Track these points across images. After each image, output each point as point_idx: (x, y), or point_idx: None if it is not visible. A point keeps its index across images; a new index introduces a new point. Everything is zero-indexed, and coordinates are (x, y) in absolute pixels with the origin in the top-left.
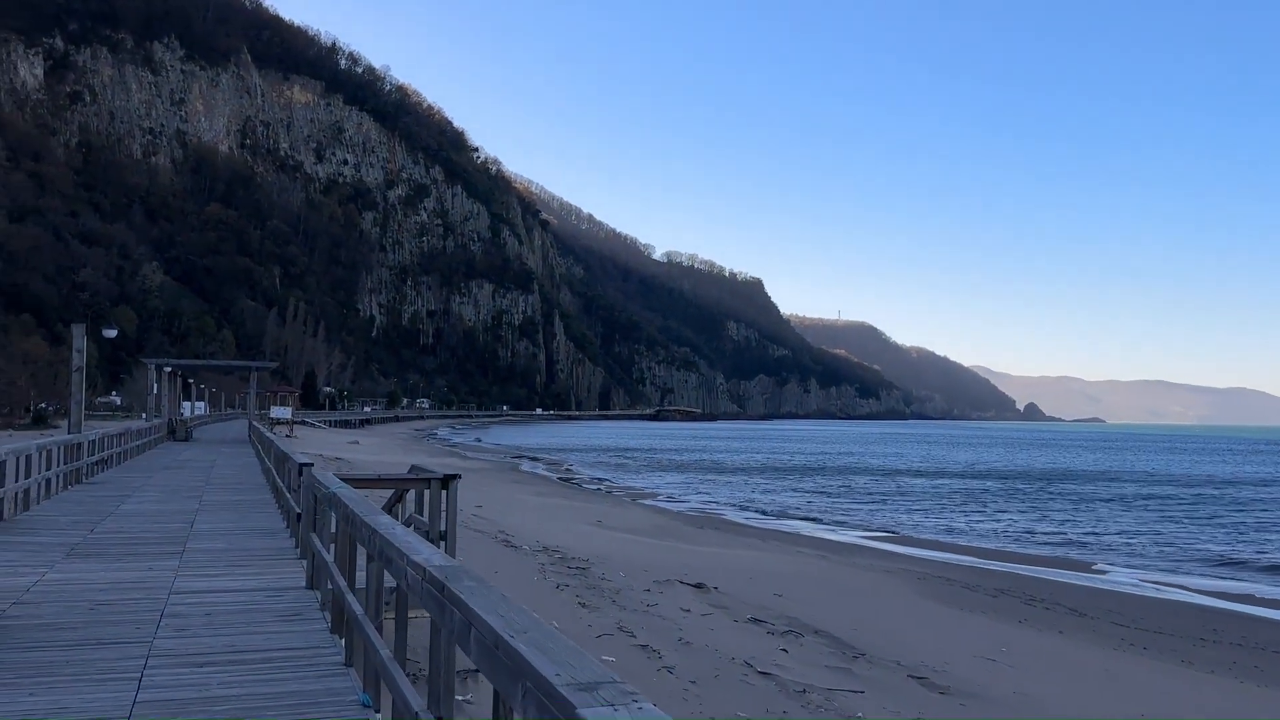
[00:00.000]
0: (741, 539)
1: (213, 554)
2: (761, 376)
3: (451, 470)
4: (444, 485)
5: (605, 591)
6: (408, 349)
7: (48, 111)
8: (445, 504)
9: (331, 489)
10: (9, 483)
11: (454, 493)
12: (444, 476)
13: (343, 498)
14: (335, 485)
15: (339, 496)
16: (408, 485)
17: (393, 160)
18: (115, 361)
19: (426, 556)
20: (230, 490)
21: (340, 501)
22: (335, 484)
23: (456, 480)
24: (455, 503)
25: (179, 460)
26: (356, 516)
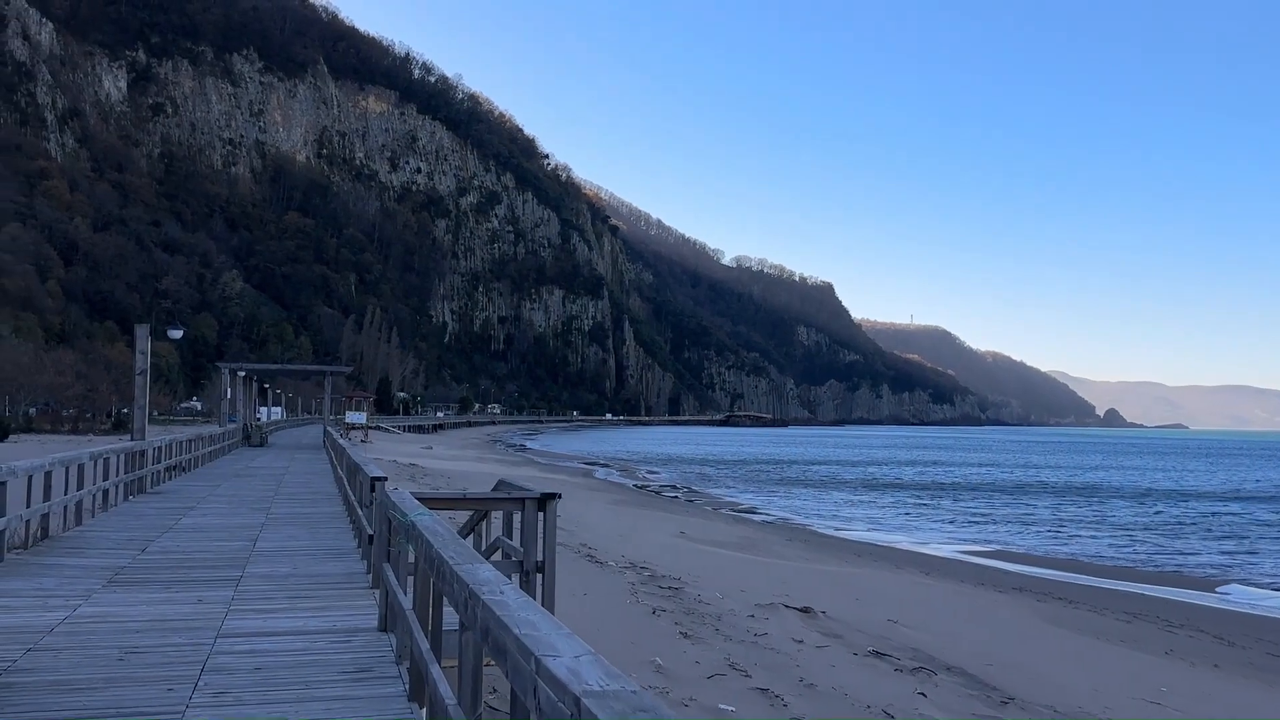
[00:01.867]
0: (834, 553)
1: (274, 580)
2: (832, 382)
3: (548, 488)
4: (541, 506)
5: (705, 617)
6: (479, 354)
7: (131, 123)
8: (543, 528)
9: (409, 515)
10: (55, 496)
11: (553, 515)
12: (540, 496)
13: (423, 529)
14: (413, 509)
15: (418, 528)
16: (498, 506)
17: (465, 168)
18: (197, 368)
19: (571, 667)
20: (300, 501)
21: (420, 536)
22: (412, 507)
23: (555, 501)
24: (554, 527)
25: (251, 467)
26: (445, 564)
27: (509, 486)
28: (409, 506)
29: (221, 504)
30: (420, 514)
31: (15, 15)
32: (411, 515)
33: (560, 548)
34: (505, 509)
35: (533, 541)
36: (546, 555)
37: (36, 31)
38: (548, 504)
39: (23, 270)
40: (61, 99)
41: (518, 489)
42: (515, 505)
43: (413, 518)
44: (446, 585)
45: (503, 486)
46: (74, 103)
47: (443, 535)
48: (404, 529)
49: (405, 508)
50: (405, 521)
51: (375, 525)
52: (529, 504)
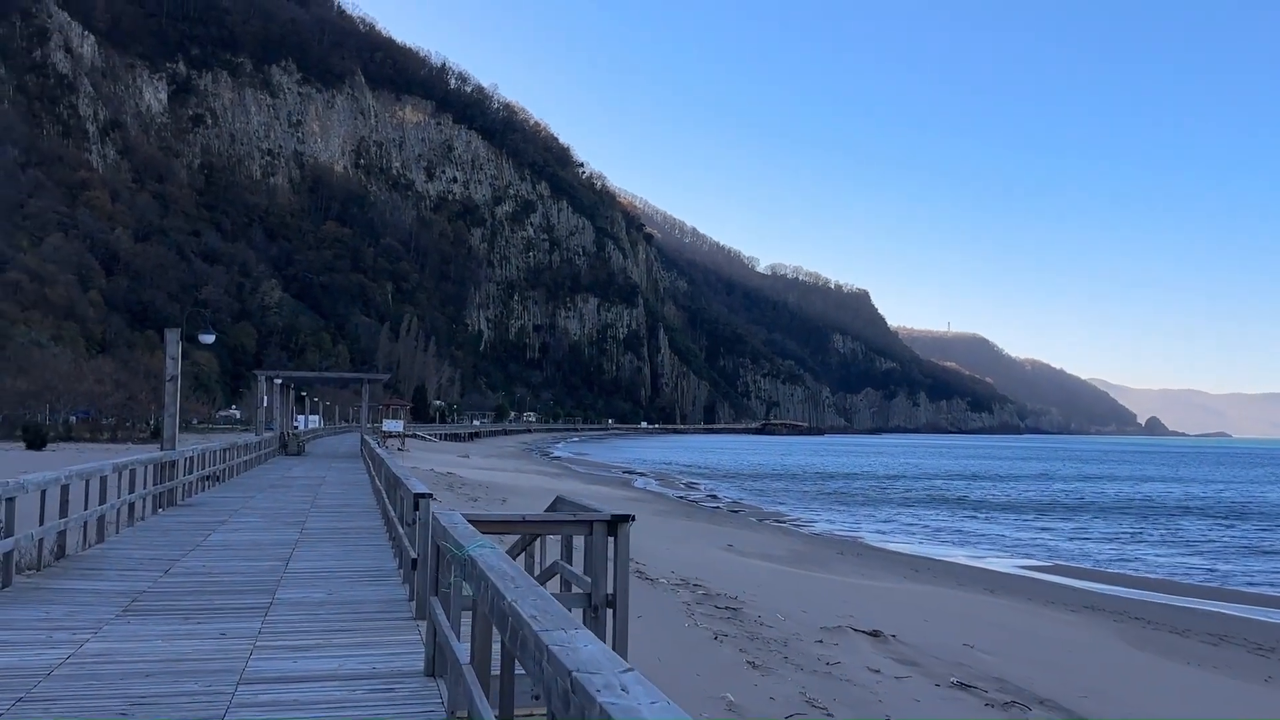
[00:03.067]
0: (890, 568)
1: (306, 609)
2: (869, 390)
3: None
4: (611, 530)
5: (771, 643)
6: (515, 363)
7: (171, 134)
8: (614, 555)
9: (466, 548)
10: (73, 511)
11: (625, 541)
12: (611, 518)
13: (487, 569)
14: (470, 539)
15: (479, 566)
16: (563, 530)
17: (500, 177)
18: (236, 376)
19: None
20: (337, 515)
21: (483, 577)
22: (468, 535)
23: (628, 524)
24: (627, 555)
25: (287, 477)
26: (524, 627)
27: (571, 505)
28: (464, 534)
29: (254, 517)
30: (480, 546)
31: (58, 28)
32: (469, 548)
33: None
34: (570, 533)
35: (602, 571)
36: (618, 588)
37: (79, 44)
38: (619, 528)
39: (65, 280)
40: (103, 111)
41: (581, 508)
42: (582, 529)
43: (471, 551)
44: (526, 655)
45: (563, 505)
46: (115, 114)
47: (515, 580)
48: (459, 564)
49: (460, 536)
50: (461, 556)
51: (419, 547)
52: (598, 527)
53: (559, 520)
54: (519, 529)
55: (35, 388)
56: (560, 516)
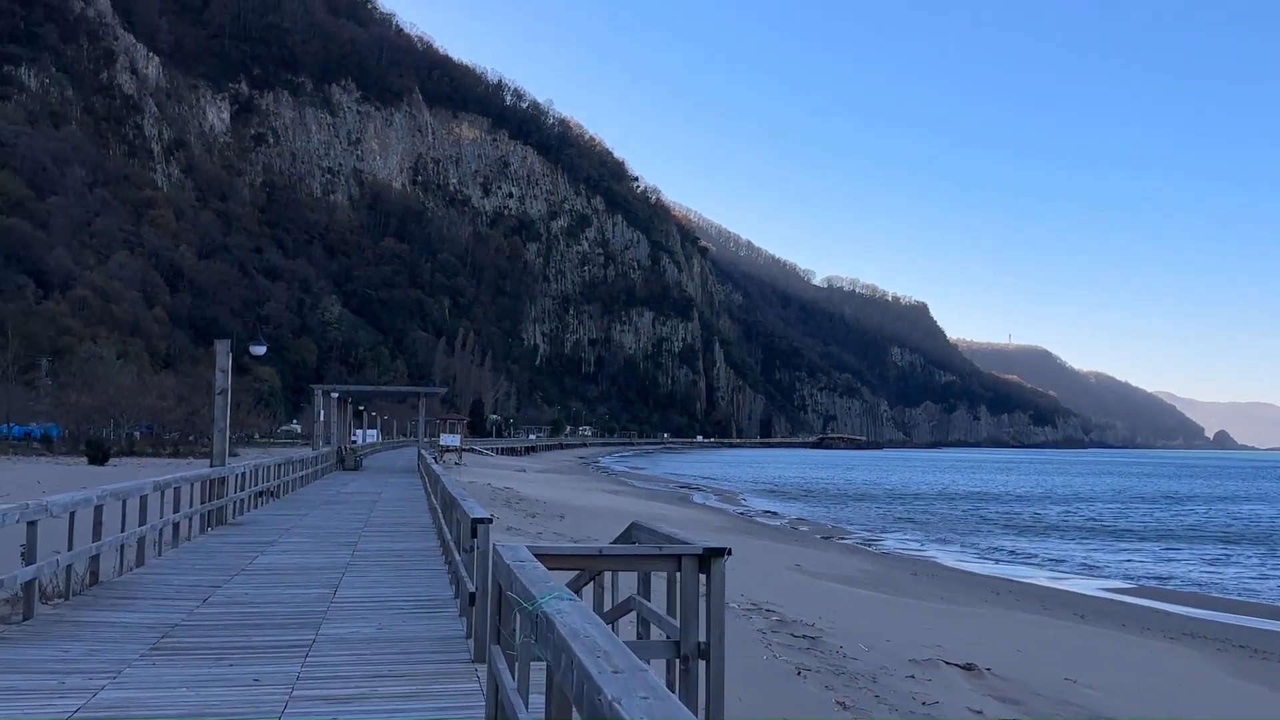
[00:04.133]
0: (969, 591)
1: (352, 649)
2: (928, 403)
3: (712, 540)
4: (703, 565)
5: (858, 678)
6: (570, 377)
7: (234, 153)
8: (708, 595)
9: (541, 602)
10: (107, 535)
11: (720, 579)
12: (704, 551)
13: (570, 637)
14: (542, 586)
15: (558, 629)
16: (646, 566)
17: (555, 192)
18: (297, 391)
19: None
20: (391, 535)
21: (567, 650)
22: (538, 579)
23: (723, 559)
24: (723, 595)
25: (342, 493)
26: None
27: (649, 533)
28: (534, 579)
29: (304, 538)
30: (558, 599)
31: (124, 50)
32: (544, 601)
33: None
34: (654, 569)
35: (693, 615)
36: (713, 636)
37: (144, 66)
38: (713, 563)
39: (131, 297)
40: (168, 131)
41: (665, 538)
42: (668, 565)
43: (546, 607)
44: None
45: (640, 532)
46: (179, 134)
47: (613, 659)
48: (531, 620)
49: (529, 582)
50: (533, 611)
51: (477, 579)
52: (687, 563)
53: (642, 555)
54: (596, 564)
55: (99, 403)
56: (643, 550)
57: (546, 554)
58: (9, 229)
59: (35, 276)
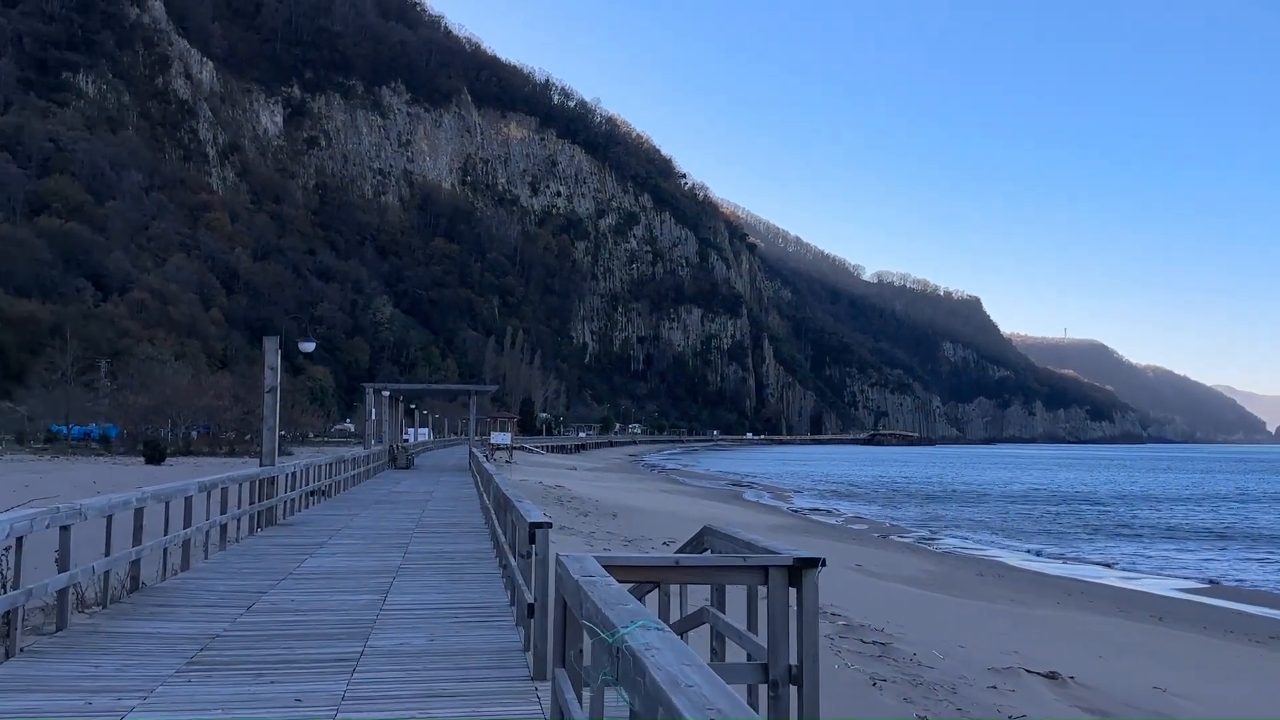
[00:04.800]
0: (1039, 592)
1: (402, 662)
2: (981, 399)
3: (797, 545)
4: (794, 579)
5: (936, 689)
6: (619, 374)
7: (287, 156)
8: (799, 611)
9: (622, 633)
10: (147, 539)
11: (813, 593)
12: (794, 562)
13: (661, 679)
14: (619, 611)
15: (646, 668)
16: (728, 577)
17: (603, 190)
18: (350, 390)
19: None
20: (443, 536)
21: (656, 691)
22: (613, 600)
23: (816, 570)
24: (815, 612)
25: (394, 492)
26: None
27: (725, 539)
28: (608, 599)
29: (355, 539)
30: (644, 629)
31: (178, 56)
32: (628, 634)
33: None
34: (738, 582)
35: (783, 635)
36: (805, 657)
37: (198, 71)
38: (805, 575)
39: (188, 299)
40: (222, 135)
41: (745, 545)
42: (754, 577)
43: (631, 640)
44: None
45: (713, 537)
46: (234, 138)
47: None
48: (611, 653)
49: (604, 604)
50: (614, 644)
51: (536, 589)
52: (776, 575)
53: (724, 566)
54: (672, 577)
55: (156, 403)
56: (724, 561)
57: (617, 565)
58: (69, 233)
59: (94, 280)
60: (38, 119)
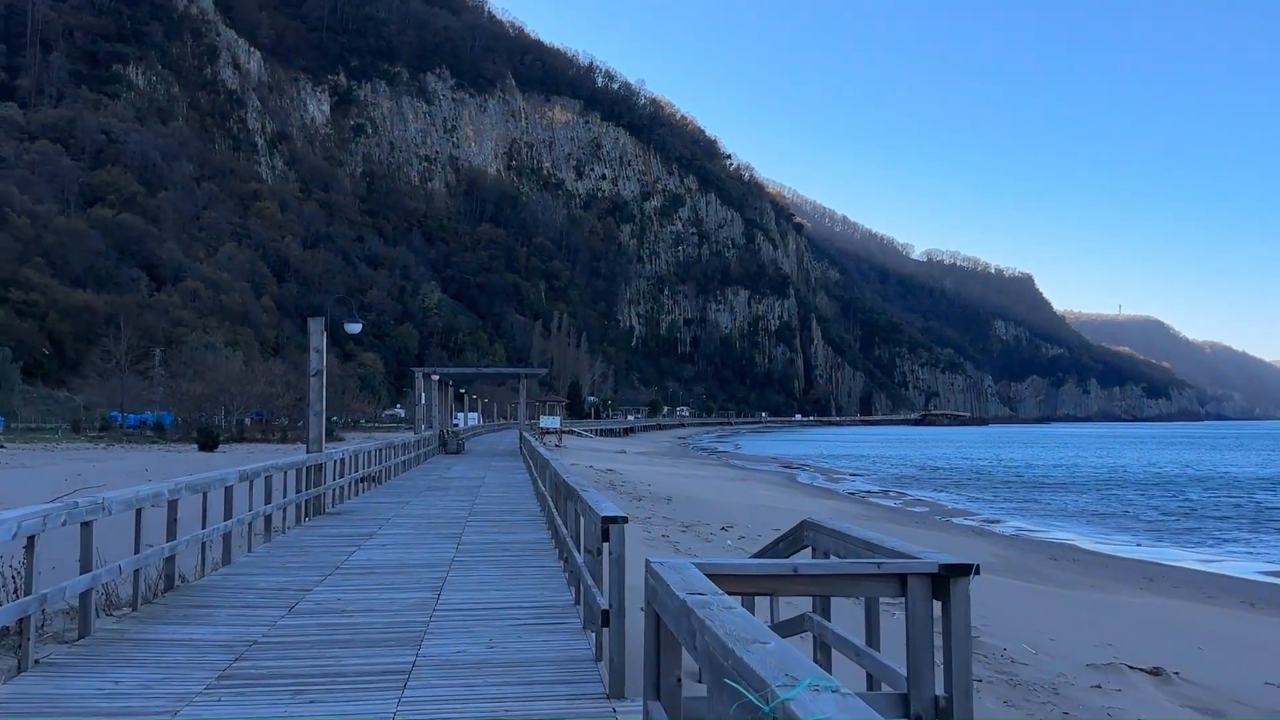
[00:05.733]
0: (1118, 577)
1: (460, 676)
2: (1034, 377)
3: (941, 549)
4: (940, 589)
5: (1036, 690)
6: (666, 357)
7: (334, 144)
8: (946, 630)
9: (782, 699)
10: (182, 533)
11: (963, 606)
12: (939, 569)
13: None
14: (773, 667)
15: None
16: (854, 588)
17: (648, 172)
18: (400, 376)
19: None
20: (496, 524)
21: None
22: (750, 636)
23: (968, 578)
24: (968, 630)
25: (444, 478)
26: None
27: (838, 538)
28: (736, 632)
29: (406, 529)
30: (811, 691)
31: (226, 46)
32: (793, 702)
33: None
34: (867, 593)
35: (927, 659)
36: (957, 690)
37: (246, 60)
38: (953, 586)
39: (240, 287)
40: (270, 124)
41: (863, 544)
42: (888, 587)
43: (801, 713)
44: None
45: (821, 535)
46: (282, 127)
47: None
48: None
49: (739, 644)
50: (769, 712)
51: (610, 593)
52: (916, 584)
53: (853, 575)
54: (788, 588)
55: (210, 391)
56: (851, 567)
57: (723, 574)
58: (122, 224)
59: (148, 269)
60: (90, 111)
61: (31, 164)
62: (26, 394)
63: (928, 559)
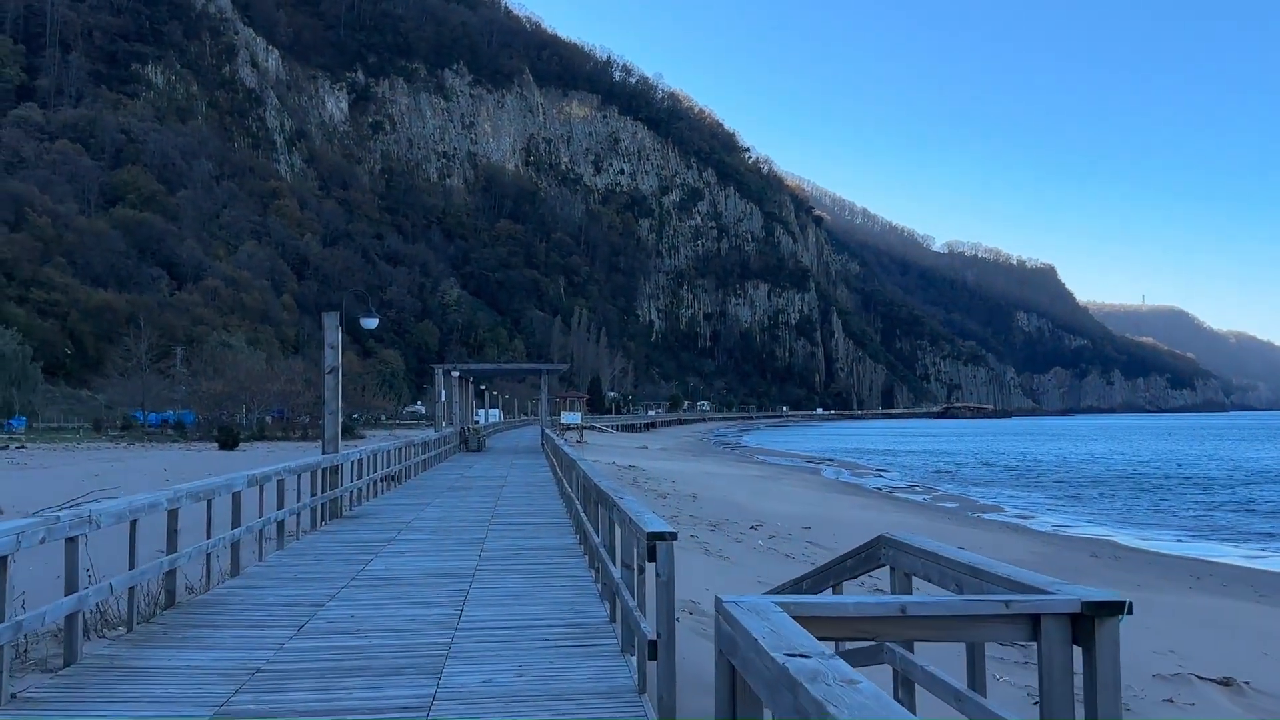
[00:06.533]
0: (1166, 576)
1: (486, 709)
2: (1057, 369)
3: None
4: (1081, 632)
5: None
6: (686, 352)
7: (353, 142)
8: (1088, 680)
9: None
10: (185, 544)
11: (1112, 652)
12: (1081, 607)
13: None
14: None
15: None
16: (972, 630)
17: (666, 167)
18: (421, 373)
19: None
20: (521, 528)
21: None
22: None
23: (1117, 620)
24: (1118, 681)
25: (466, 477)
26: None
27: (931, 559)
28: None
29: (426, 533)
30: None
31: (244, 45)
32: None
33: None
34: (987, 637)
35: (1067, 716)
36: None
37: (264, 59)
38: (1099, 628)
39: (260, 285)
40: (289, 122)
41: (968, 569)
42: (1017, 629)
43: None
44: None
45: (902, 553)
46: (300, 125)
47: None
48: None
49: None
50: None
51: (659, 621)
52: (1051, 625)
53: (974, 616)
54: (897, 631)
55: (230, 389)
56: (972, 607)
57: (813, 615)
58: (142, 223)
59: (168, 268)
60: (109, 111)
61: (52, 164)
62: (48, 393)
63: (1066, 594)
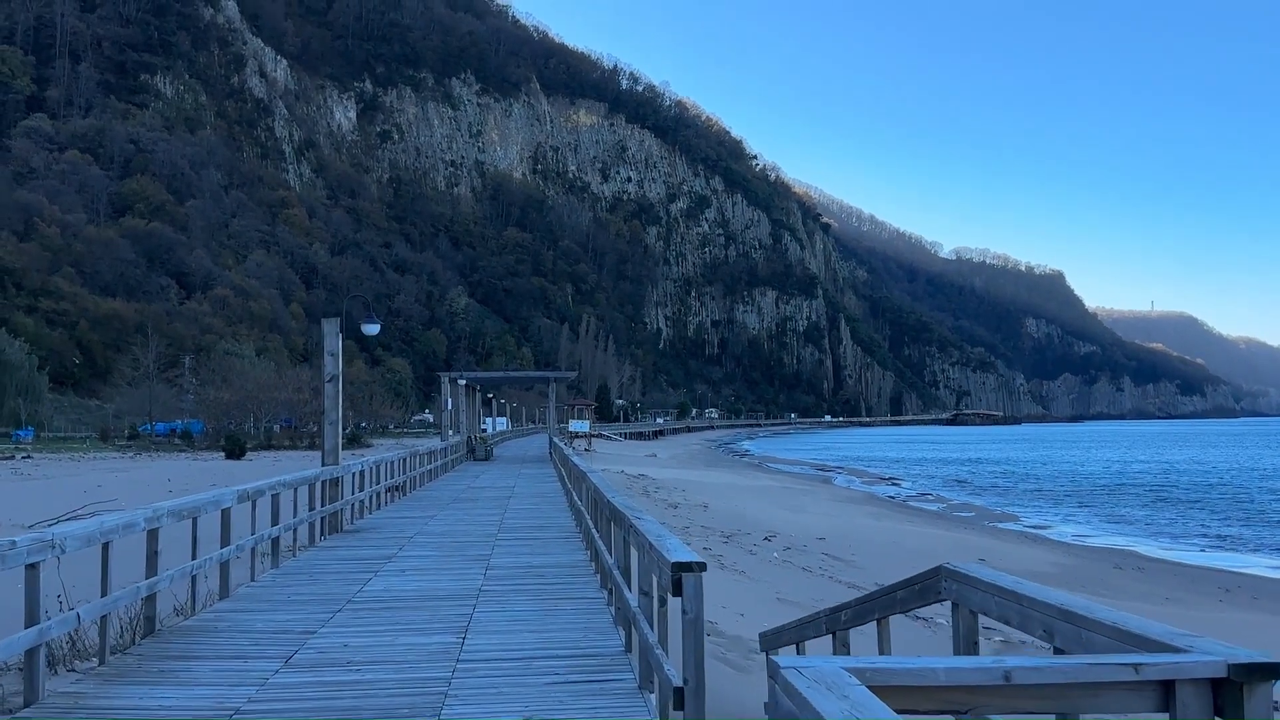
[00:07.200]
0: (1194, 588)
1: None
2: (1066, 375)
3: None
4: (1222, 697)
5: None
6: (694, 359)
7: (361, 151)
8: None
9: None
10: (164, 567)
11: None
12: (1227, 670)
13: None
14: None
15: None
16: (1086, 699)
17: (674, 174)
18: (428, 382)
19: None
20: (529, 543)
21: None
22: None
23: (1268, 687)
24: None
25: (472, 488)
26: None
27: (1009, 598)
28: None
29: (429, 549)
30: None
31: (253, 55)
32: None
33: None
34: (1106, 709)
35: None
36: None
37: (272, 69)
38: (1247, 696)
39: (268, 294)
40: (297, 131)
41: (1060, 612)
42: (1144, 697)
43: None
44: None
45: (969, 588)
46: (309, 134)
47: None
48: None
49: None
50: None
51: (686, 665)
52: (1188, 694)
53: (1091, 683)
54: (999, 702)
55: (239, 398)
56: (1090, 673)
57: (899, 686)
58: (151, 233)
59: (177, 278)
60: (118, 121)
61: (61, 174)
62: (57, 403)
63: (1206, 655)
